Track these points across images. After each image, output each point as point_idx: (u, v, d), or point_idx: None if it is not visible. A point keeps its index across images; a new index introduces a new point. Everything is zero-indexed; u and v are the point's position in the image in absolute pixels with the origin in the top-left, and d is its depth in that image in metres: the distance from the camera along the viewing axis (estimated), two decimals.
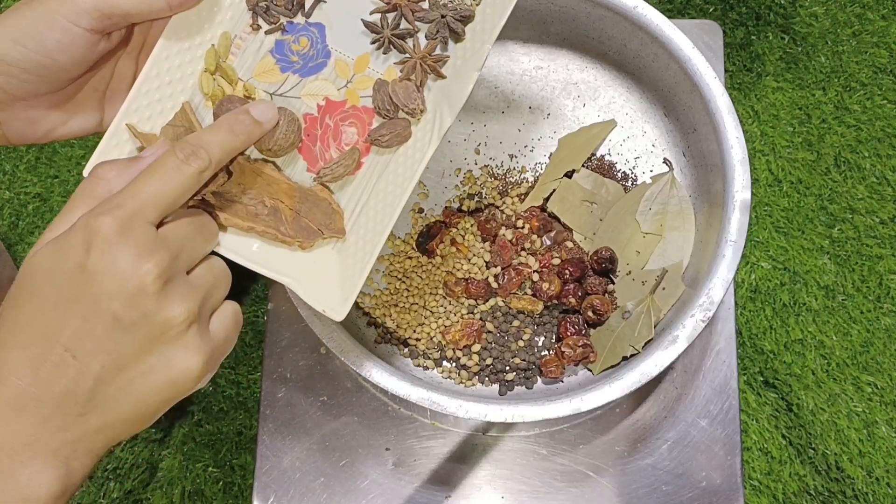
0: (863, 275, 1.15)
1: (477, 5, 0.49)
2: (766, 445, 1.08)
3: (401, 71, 0.50)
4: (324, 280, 0.48)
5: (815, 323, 1.13)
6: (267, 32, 0.49)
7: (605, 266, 0.65)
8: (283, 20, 0.49)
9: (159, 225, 0.39)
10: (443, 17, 0.48)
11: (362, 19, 0.49)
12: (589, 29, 0.69)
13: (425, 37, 0.49)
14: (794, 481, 1.07)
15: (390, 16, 0.49)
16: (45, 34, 0.42)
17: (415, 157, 0.49)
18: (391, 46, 0.50)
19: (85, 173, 0.45)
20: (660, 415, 0.68)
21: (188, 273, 0.40)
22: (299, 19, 0.50)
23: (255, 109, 0.45)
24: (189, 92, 0.48)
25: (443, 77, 0.49)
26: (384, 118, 0.50)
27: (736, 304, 0.81)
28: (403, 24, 0.49)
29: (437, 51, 0.49)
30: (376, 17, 0.49)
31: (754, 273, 1.15)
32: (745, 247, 0.60)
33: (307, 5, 0.49)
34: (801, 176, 1.20)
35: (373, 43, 0.49)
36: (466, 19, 0.49)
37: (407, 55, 0.50)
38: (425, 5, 0.49)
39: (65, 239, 0.37)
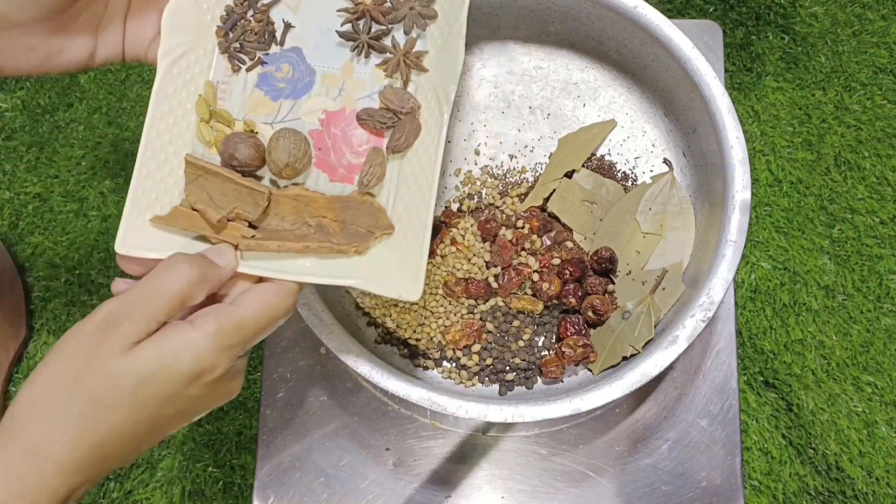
0: (863, 275, 1.15)
1: None
2: (766, 445, 1.08)
3: (385, 70, 0.51)
4: (388, 270, 0.49)
5: (815, 323, 1.13)
6: (248, 70, 0.51)
7: (605, 266, 0.65)
8: (260, 54, 0.51)
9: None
10: (411, 9, 0.50)
11: (336, 31, 0.51)
12: (589, 29, 0.69)
13: (404, 33, 0.51)
14: (794, 481, 1.07)
15: (361, 22, 0.51)
16: None
17: (431, 133, 0.51)
18: (370, 49, 0.51)
19: (117, 249, 0.46)
20: (660, 415, 0.68)
21: (217, 297, 0.45)
22: (275, 49, 0.51)
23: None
24: (190, 146, 0.49)
25: (425, 70, 0.51)
26: (391, 127, 0.51)
27: (736, 304, 0.81)
28: (376, 27, 0.51)
29: (417, 47, 0.51)
30: (348, 27, 0.51)
31: (754, 273, 1.15)
32: (745, 247, 0.60)
33: (278, 35, 0.51)
34: (801, 176, 1.20)
35: (352, 50, 0.51)
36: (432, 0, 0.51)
37: (388, 55, 0.51)
38: (388, 5, 0.51)
39: (80, 341, 0.40)
